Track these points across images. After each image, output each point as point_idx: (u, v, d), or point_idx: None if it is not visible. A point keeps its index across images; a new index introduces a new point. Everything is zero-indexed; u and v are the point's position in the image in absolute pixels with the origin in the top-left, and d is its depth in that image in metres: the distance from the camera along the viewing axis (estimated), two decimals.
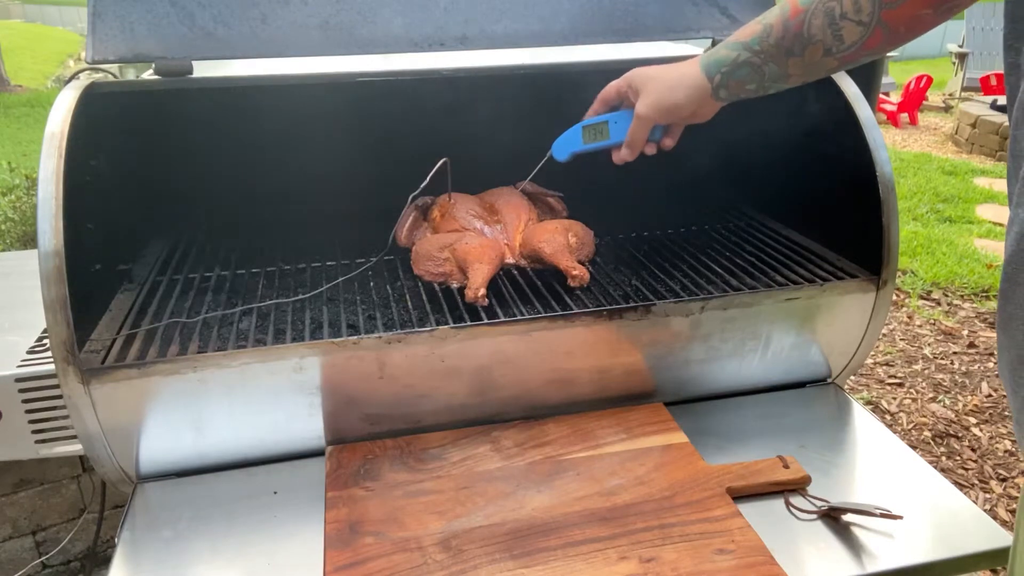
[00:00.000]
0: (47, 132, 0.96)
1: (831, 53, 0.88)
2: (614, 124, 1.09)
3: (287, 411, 1.03)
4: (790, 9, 0.89)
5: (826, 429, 1.15)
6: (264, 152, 1.46)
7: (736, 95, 0.98)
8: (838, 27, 0.86)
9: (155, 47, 1.10)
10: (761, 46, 0.92)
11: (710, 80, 0.97)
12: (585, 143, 1.12)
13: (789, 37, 0.89)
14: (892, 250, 1.17)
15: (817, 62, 0.90)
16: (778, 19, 0.90)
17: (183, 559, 0.91)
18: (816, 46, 0.88)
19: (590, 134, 1.11)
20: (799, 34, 0.88)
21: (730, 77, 0.96)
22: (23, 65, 11.24)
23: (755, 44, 0.92)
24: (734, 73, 0.95)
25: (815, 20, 0.87)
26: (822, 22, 0.86)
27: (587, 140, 1.11)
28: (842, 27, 0.85)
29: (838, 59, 0.88)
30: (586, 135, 1.11)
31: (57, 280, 0.91)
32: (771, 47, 0.91)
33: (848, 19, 0.84)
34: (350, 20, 1.17)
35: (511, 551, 0.88)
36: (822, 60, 0.89)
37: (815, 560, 0.90)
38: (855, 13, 0.84)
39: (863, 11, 0.83)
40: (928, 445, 2.46)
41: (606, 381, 1.14)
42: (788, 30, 0.89)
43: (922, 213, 4.64)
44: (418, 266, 1.22)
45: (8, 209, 3.26)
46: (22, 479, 1.65)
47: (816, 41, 0.88)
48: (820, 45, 0.88)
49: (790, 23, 0.89)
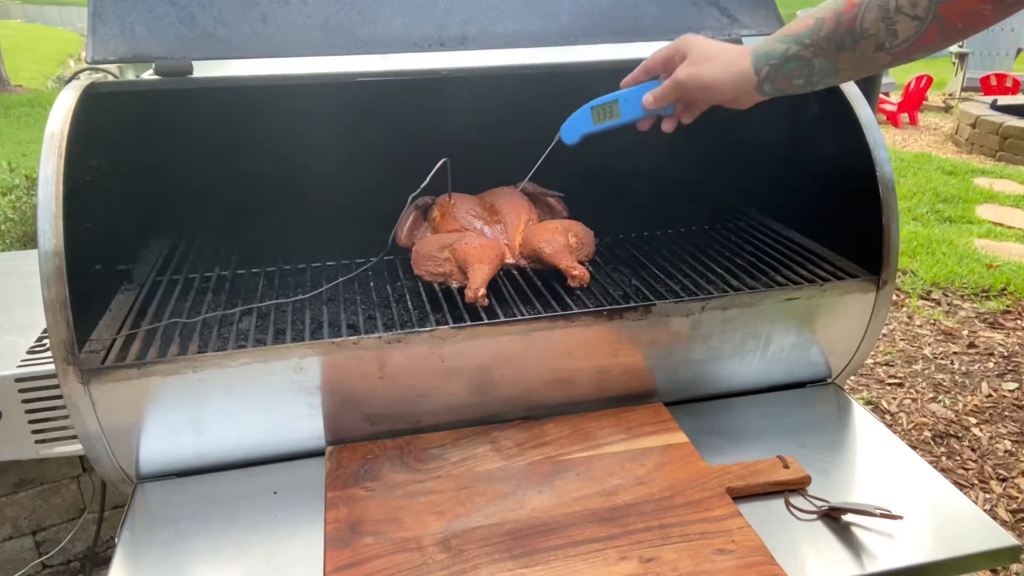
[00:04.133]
0: (47, 132, 0.96)
1: (884, 48, 0.86)
2: (624, 102, 1.06)
3: (287, 411, 1.03)
4: (844, 2, 0.87)
5: (826, 429, 1.15)
6: (264, 152, 1.46)
7: (782, 90, 0.95)
8: (892, 21, 0.83)
9: (155, 47, 1.10)
10: (812, 39, 0.89)
11: (757, 73, 0.94)
12: (595, 124, 1.09)
13: (841, 31, 0.87)
14: (892, 250, 1.17)
15: (869, 57, 0.87)
16: (831, 12, 0.88)
17: (183, 559, 0.91)
18: (868, 41, 0.86)
19: (599, 114, 1.09)
20: (851, 28, 0.86)
21: (778, 71, 0.93)
22: (23, 65, 11.23)
23: (805, 38, 0.90)
24: (783, 67, 0.93)
25: (869, 14, 0.84)
26: (876, 16, 0.84)
27: (597, 120, 1.09)
28: (896, 21, 0.83)
29: (891, 55, 0.86)
30: (595, 115, 1.09)
31: (57, 280, 0.91)
32: (822, 40, 0.89)
33: (903, 13, 0.82)
34: (350, 20, 1.17)
35: (511, 551, 0.88)
36: (874, 55, 0.87)
37: (815, 560, 0.90)
38: (910, 7, 0.81)
39: (919, 5, 0.81)
40: (928, 445, 2.46)
41: (606, 381, 1.14)
42: (840, 24, 0.87)
43: (922, 213, 4.64)
44: (418, 266, 1.22)
45: (8, 209, 3.26)
46: (22, 479, 1.65)
47: (869, 35, 0.85)
48: (873, 40, 0.85)
49: (843, 16, 0.86)
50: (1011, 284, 3.52)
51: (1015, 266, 3.72)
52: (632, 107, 1.06)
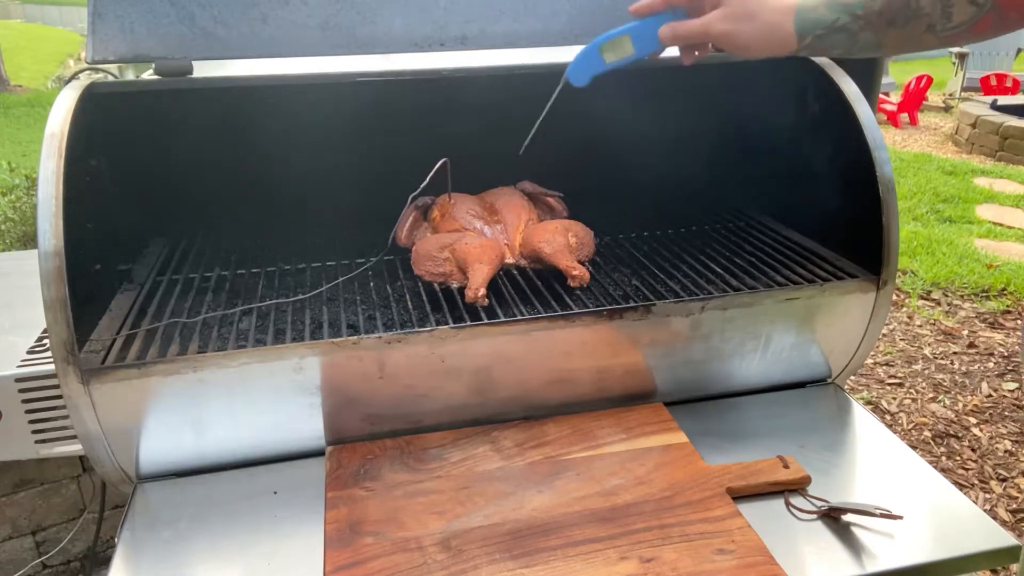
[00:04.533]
0: (47, 132, 0.96)
1: (934, 30, 0.82)
2: (636, 38, 0.98)
3: (287, 411, 1.03)
4: None
5: (826, 429, 1.15)
6: (264, 152, 1.46)
7: (816, 54, 0.92)
8: (950, 4, 0.80)
9: (155, 47, 1.09)
10: (865, 12, 0.85)
11: (800, 40, 0.89)
12: (608, 63, 1.01)
13: (896, 6, 0.83)
14: (892, 250, 1.17)
15: (916, 37, 0.84)
16: None
17: (183, 559, 0.91)
18: (921, 20, 0.82)
19: (610, 51, 1.00)
20: (907, 5, 0.82)
21: (822, 40, 0.89)
22: (23, 65, 11.24)
23: (859, 8, 0.85)
24: (828, 36, 0.88)
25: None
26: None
27: (609, 59, 1.00)
28: (954, 4, 0.80)
29: (939, 37, 0.83)
30: (606, 53, 1.00)
31: (57, 280, 0.91)
32: (874, 15, 0.84)
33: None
34: (350, 20, 1.17)
35: (511, 551, 0.88)
36: (922, 36, 0.83)
37: (815, 560, 0.90)
38: None
39: None
40: (928, 445, 2.46)
41: (606, 381, 1.14)
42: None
43: (922, 213, 4.64)
44: (418, 266, 1.22)
45: (8, 209, 3.26)
46: (22, 479, 1.65)
47: (923, 15, 0.82)
48: (925, 20, 0.82)
49: None
50: (1011, 284, 3.52)
51: (1015, 266, 3.72)
52: (647, 42, 0.97)
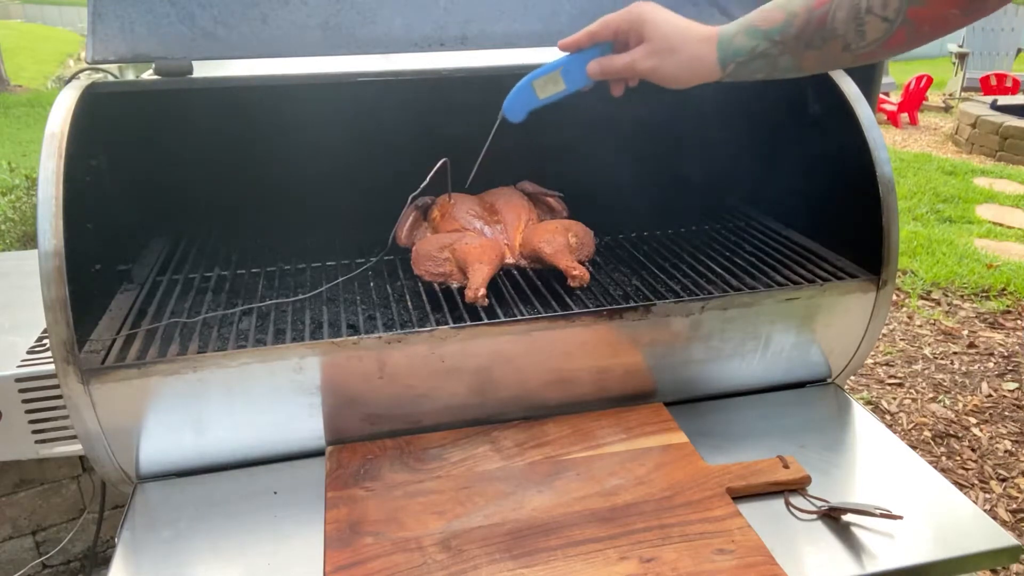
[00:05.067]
0: (47, 132, 0.96)
1: (849, 49, 0.84)
2: (567, 72, 1.00)
3: (287, 411, 1.03)
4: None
5: (826, 429, 1.15)
6: (264, 152, 1.46)
7: (741, 79, 0.94)
8: (862, 22, 0.82)
9: (155, 47, 1.10)
10: (782, 37, 0.87)
11: (723, 69, 0.92)
12: (541, 98, 1.02)
13: (811, 29, 0.85)
14: (892, 250, 1.17)
15: (834, 57, 0.86)
16: (803, 8, 0.85)
17: (183, 559, 0.91)
18: (837, 41, 0.84)
19: (542, 87, 1.02)
20: (822, 27, 0.84)
21: (744, 67, 0.91)
22: (23, 65, 11.23)
23: (776, 34, 0.88)
24: (749, 63, 0.91)
25: (840, 13, 0.83)
26: (846, 15, 0.82)
27: (542, 95, 1.02)
28: (866, 22, 0.82)
29: (855, 55, 0.85)
30: (538, 90, 1.02)
31: (57, 280, 0.91)
32: (792, 39, 0.87)
33: (874, 14, 0.81)
34: (350, 20, 1.17)
35: (511, 551, 0.88)
36: (839, 55, 0.85)
37: (815, 560, 0.90)
38: (881, 8, 0.80)
39: (890, 7, 0.80)
40: (928, 445, 2.46)
41: (606, 381, 1.14)
42: (811, 21, 0.85)
43: (922, 213, 4.64)
44: (418, 266, 1.22)
45: (8, 209, 3.27)
46: (22, 479, 1.65)
47: (838, 35, 0.84)
48: (841, 40, 0.84)
49: (815, 13, 0.84)
50: (1011, 284, 3.52)
51: (1015, 266, 3.72)
52: (577, 76, 1.00)
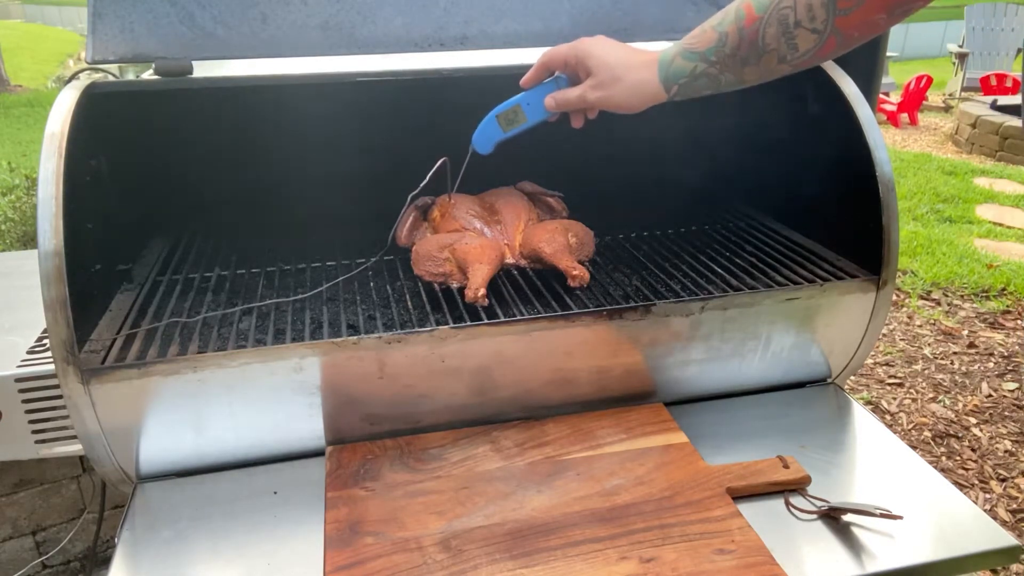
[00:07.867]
0: (47, 132, 0.96)
1: (785, 61, 0.88)
2: (527, 105, 1.06)
3: (287, 411, 1.03)
4: (745, 16, 0.88)
5: (826, 429, 1.15)
6: (264, 152, 1.46)
7: (690, 97, 0.98)
8: (792, 35, 0.85)
9: (155, 47, 1.10)
10: (718, 56, 0.91)
11: (667, 91, 0.96)
12: (505, 131, 1.09)
13: (744, 47, 0.89)
14: (892, 250, 1.17)
15: (772, 69, 0.90)
16: (733, 27, 0.89)
17: (183, 559, 0.91)
18: (771, 55, 0.88)
19: (506, 121, 1.08)
20: (754, 44, 0.88)
21: (687, 88, 0.95)
22: (23, 65, 11.24)
23: (711, 55, 0.91)
24: (692, 83, 0.95)
25: (769, 29, 0.86)
26: (776, 31, 0.86)
27: (506, 128, 1.09)
28: (796, 35, 0.85)
29: (792, 65, 0.89)
30: (503, 123, 1.08)
31: (57, 280, 0.91)
32: (727, 57, 0.91)
33: (802, 27, 0.84)
34: (350, 20, 1.17)
35: (511, 551, 0.88)
36: (777, 67, 0.90)
37: (815, 560, 0.90)
38: (809, 21, 0.83)
39: (817, 19, 0.83)
40: (928, 445, 2.46)
41: (606, 381, 1.14)
42: (743, 40, 0.88)
43: (922, 213, 4.64)
44: (418, 266, 1.22)
45: (8, 209, 3.27)
46: (22, 479, 1.65)
47: (771, 50, 0.87)
48: (775, 54, 0.88)
49: (745, 32, 0.88)
50: (1011, 284, 3.52)
51: (1015, 266, 3.72)
52: (537, 109, 1.05)
